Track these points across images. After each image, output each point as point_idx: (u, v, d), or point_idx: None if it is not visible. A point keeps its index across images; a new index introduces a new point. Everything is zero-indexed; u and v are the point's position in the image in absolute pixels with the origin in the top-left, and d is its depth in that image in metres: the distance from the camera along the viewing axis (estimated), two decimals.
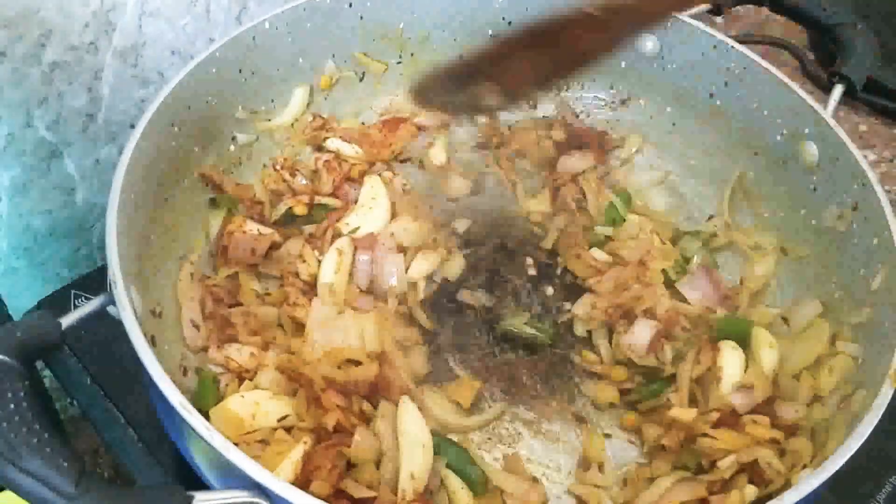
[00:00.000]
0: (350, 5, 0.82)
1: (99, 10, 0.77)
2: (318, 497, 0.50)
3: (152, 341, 0.61)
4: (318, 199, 0.82)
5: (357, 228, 0.79)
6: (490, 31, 0.89)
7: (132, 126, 0.70)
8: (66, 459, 0.47)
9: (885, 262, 0.66)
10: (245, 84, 0.79)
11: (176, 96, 0.71)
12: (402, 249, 0.79)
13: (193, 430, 0.51)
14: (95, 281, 0.80)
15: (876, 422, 0.56)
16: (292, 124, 0.85)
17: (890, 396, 0.57)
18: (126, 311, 0.56)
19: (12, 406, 0.48)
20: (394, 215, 0.81)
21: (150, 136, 0.68)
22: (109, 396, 0.74)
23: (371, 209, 0.80)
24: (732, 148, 0.84)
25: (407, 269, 0.79)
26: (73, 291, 0.81)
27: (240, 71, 0.78)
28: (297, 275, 0.77)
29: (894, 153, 1.13)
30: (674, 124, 0.88)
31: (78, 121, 0.82)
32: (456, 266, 0.82)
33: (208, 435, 0.51)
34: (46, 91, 0.78)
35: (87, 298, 0.78)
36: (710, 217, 0.85)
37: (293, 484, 0.52)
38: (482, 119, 0.88)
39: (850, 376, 0.65)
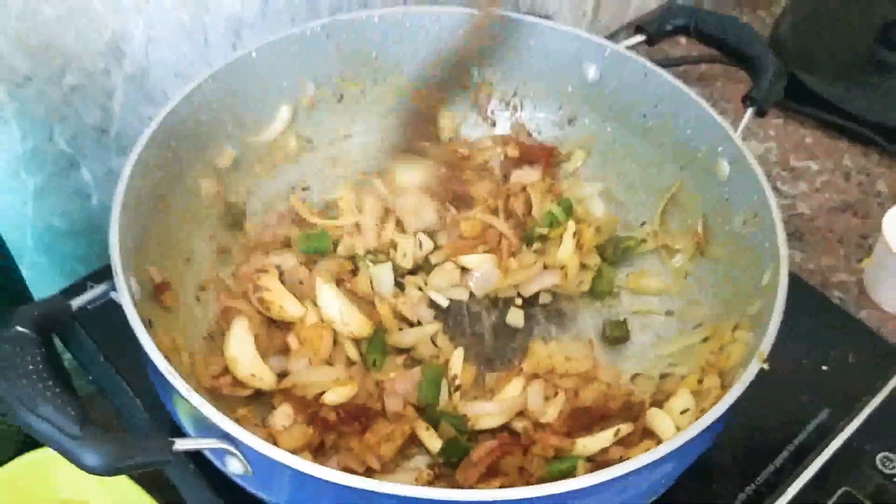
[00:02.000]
0: (328, 36, 0.92)
1: (111, 40, 0.86)
2: (285, 449, 0.58)
3: (149, 323, 0.69)
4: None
5: None
6: None
7: None
8: (73, 409, 0.57)
9: (772, 262, 0.76)
10: (234, 104, 0.88)
11: (173, 116, 0.81)
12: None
13: (176, 389, 0.63)
14: (108, 275, 0.91)
15: (738, 394, 0.66)
16: (275, 140, 0.94)
17: (755, 372, 0.68)
18: (123, 294, 0.66)
19: (30, 367, 0.59)
20: None
21: (149, 150, 0.78)
22: (118, 370, 0.84)
23: None
24: (663, 162, 0.94)
25: None
26: (88, 283, 0.92)
27: (229, 93, 0.87)
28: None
29: (836, 163, 1.24)
30: (614, 141, 0.98)
31: (93, 135, 0.92)
32: None
33: (187, 394, 0.62)
34: (66, 110, 0.88)
35: None
36: (643, 223, 0.95)
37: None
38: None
39: (742, 361, 0.76)
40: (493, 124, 1.02)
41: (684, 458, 0.67)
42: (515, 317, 0.88)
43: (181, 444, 0.61)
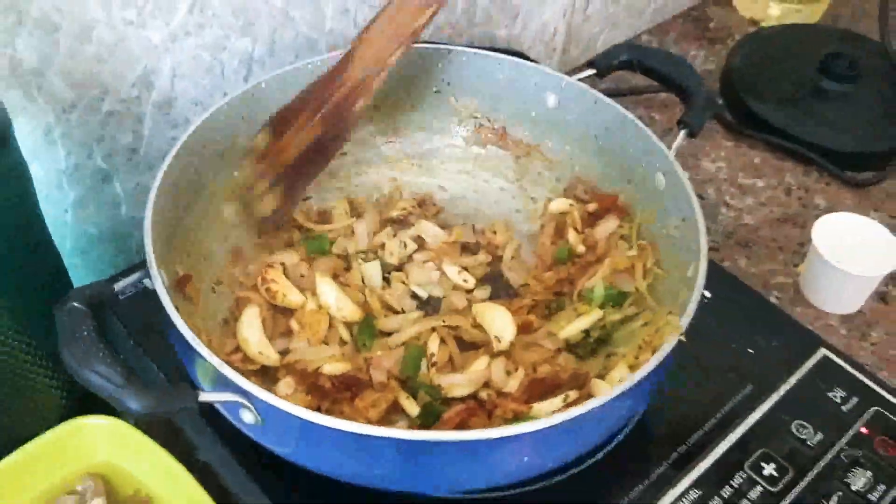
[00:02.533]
0: (327, 70, 1.07)
1: (143, 74, 0.93)
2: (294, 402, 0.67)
3: (175, 308, 0.74)
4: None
5: None
6: (434, 88, 1.12)
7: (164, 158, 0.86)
8: (120, 366, 0.70)
9: (695, 259, 0.89)
10: (246, 128, 0.94)
11: (194, 138, 0.88)
12: None
13: (200, 354, 0.75)
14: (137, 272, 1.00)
15: (659, 360, 0.78)
16: None
17: (674, 342, 0.81)
18: (157, 281, 0.77)
19: (85, 333, 0.73)
20: None
21: (174, 166, 0.84)
22: (145, 352, 0.96)
23: None
24: (614, 178, 1.06)
25: None
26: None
27: (242, 118, 0.94)
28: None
29: (780, 181, 1.37)
30: (572, 159, 1.10)
31: (125, 154, 1.00)
32: None
33: (209, 357, 0.74)
34: (103, 132, 0.95)
35: None
36: None
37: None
38: None
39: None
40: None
41: (614, 412, 0.81)
42: None
43: (205, 396, 0.74)
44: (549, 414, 0.81)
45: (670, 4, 1.56)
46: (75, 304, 0.75)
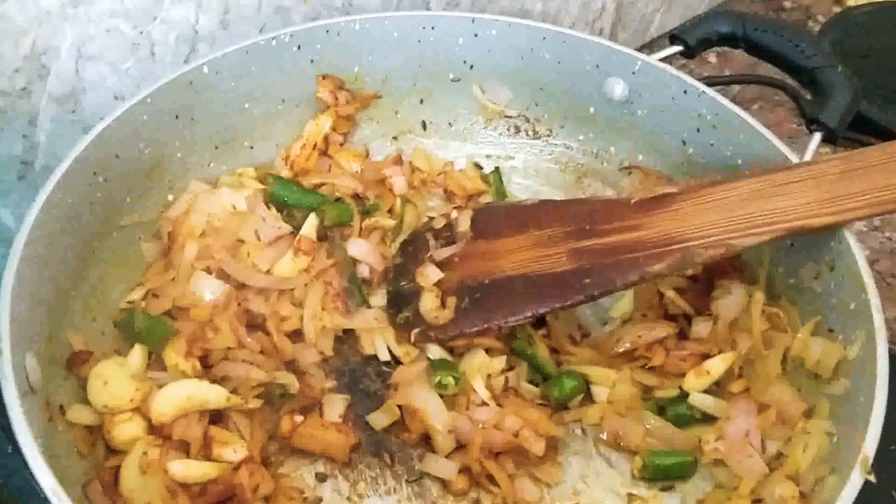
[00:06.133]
0: (298, 48, 0.79)
1: (30, 54, 0.74)
2: None
3: (48, 406, 0.59)
4: None
5: None
6: (451, 75, 0.87)
7: None
8: None
9: (862, 326, 0.61)
10: (184, 131, 0.77)
11: (99, 145, 0.69)
12: None
13: None
14: None
15: None
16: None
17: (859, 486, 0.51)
18: (7, 381, 0.53)
19: None
20: None
21: (68, 187, 0.66)
22: None
23: None
24: None
25: None
26: None
27: (177, 117, 0.76)
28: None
29: None
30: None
31: (13, 170, 0.79)
32: None
33: None
34: None
35: None
36: None
37: None
38: None
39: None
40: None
41: None
42: None
43: None
44: None
45: None
46: None
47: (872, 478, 0.52)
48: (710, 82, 0.81)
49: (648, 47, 0.81)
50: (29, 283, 0.61)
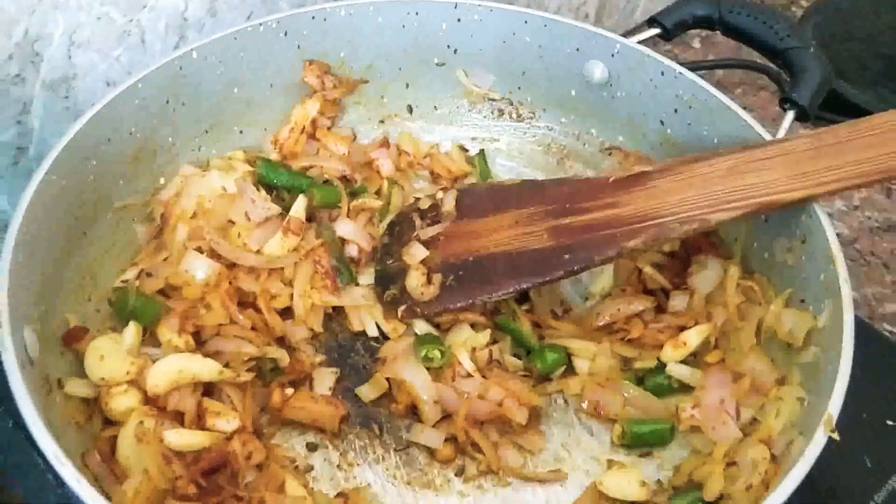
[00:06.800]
0: (285, 34, 0.80)
1: (22, 42, 0.74)
2: None
3: (46, 379, 0.60)
4: None
5: None
6: (436, 60, 0.87)
7: None
8: None
9: (829, 299, 0.63)
10: (174, 115, 0.77)
11: (91, 129, 0.69)
12: None
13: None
14: None
15: (807, 470, 0.52)
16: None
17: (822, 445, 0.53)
18: (7, 354, 0.54)
19: None
20: None
21: (61, 171, 0.66)
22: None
23: None
24: None
25: None
26: None
27: (167, 102, 0.76)
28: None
29: None
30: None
31: (8, 154, 0.80)
32: None
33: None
34: None
35: None
36: None
37: None
38: None
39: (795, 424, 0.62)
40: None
41: None
42: None
43: None
44: None
45: None
46: None
47: (836, 435, 0.53)
48: (694, 67, 0.82)
49: (633, 33, 0.82)
50: (25, 264, 0.61)
